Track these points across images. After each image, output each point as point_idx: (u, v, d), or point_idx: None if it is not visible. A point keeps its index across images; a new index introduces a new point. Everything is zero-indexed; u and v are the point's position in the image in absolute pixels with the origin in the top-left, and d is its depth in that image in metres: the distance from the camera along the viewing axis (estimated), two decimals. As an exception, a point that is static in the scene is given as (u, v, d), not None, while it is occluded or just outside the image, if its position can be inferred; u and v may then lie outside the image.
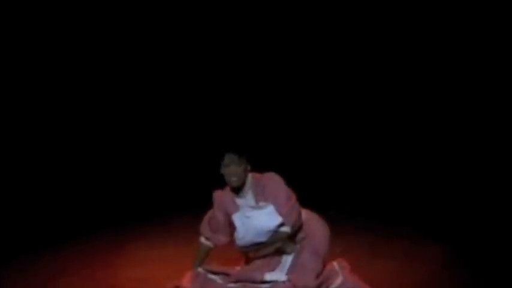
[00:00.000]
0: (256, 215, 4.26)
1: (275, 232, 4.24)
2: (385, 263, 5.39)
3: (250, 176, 4.37)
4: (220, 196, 4.45)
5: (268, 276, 4.23)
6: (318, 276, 4.26)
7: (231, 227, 4.41)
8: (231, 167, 4.27)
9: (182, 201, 7.35)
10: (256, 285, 4.24)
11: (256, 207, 4.29)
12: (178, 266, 5.22)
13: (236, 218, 4.33)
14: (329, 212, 6.28)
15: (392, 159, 8.29)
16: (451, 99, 8.40)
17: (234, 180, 4.29)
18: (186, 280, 4.42)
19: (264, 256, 4.34)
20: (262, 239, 4.25)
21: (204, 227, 4.54)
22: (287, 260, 4.32)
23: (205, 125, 8.87)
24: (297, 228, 4.34)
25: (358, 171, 8.20)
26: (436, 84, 8.50)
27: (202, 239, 4.54)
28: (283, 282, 4.20)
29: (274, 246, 4.30)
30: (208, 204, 4.59)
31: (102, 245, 6.13)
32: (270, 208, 4.25)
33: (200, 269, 4.41)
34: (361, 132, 8.71)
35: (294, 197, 4.36)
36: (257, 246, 4.31)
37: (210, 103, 8.97)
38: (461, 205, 6.97)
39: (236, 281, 4.29)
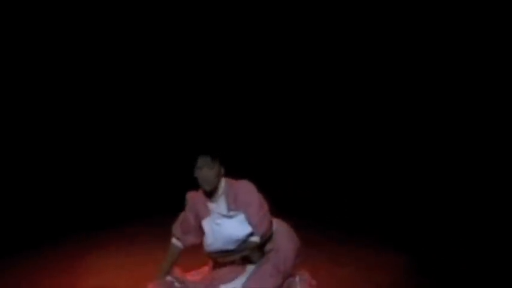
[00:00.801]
0: (227, 223, 4.24)
1: (244, 241, 4.23)
2: (346, 271, 5.42)
3: (224, 180, 4.34)
4: (193, 198, 4.40)
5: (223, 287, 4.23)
6: None
7: (201, 229, 4.37)
8: (204, 170, 4.22)
9: (144, 209, 7.32)
10: None
11: (227, 215, 4.27)
12: (139, 274, 5.23)
13: (206, 224, 4.30)
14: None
15: (353, 168, 8.28)
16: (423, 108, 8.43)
17: (206, 184, 4.25)
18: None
19: (231, 263, 4.32)
20: (231, 247, 4.24)
21: (176, 227, 4.47)
22: (250, 269, 4.31)
23: (178, 131, 8.79)
24: (267, 239, 4.33)
25: (319, 177, 8.17)
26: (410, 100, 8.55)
27: (173, 240, 4.48)
28: None
29: (241, 254, 4.29)
30: (170, 212, 4.58)
31: (62, 253, 6.05)
32: (241, 217, 4.23)
33: (169, 277, 4.38)
34: (325, 138, 8.68)
35: (266, 206, 4.34)
36: (225, 253, 4.29)
37: (192, 106, 8.89)
38: (422, 214, 7.02)
39: None
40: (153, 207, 7.29)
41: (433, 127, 8.27)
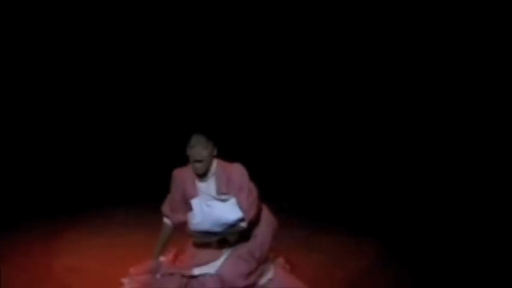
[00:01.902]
0: (218, 206, 4.20)
1: (232, 226, 4.20)
2: (319, 257, 5.45)
3: (215, 162, 4.29)
4: (180, 175, 4.35)
5: (197, 271, 4.21)
6: (249, 274, 4.24)
7: (187, 206, 4.32)
8: (197, 148, 4.18)
9: (118, 193, 7.26)
10: (185, 279, 4.21)
11: (217, 197, 4.23)
12: (110, 255, 5.31)
13: (195, 204, 4.25)
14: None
15: (330, 157, 8.30)
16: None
17: (198, 163, 4.20)
18: (139, 271, 4.42)
19: (207, 245, 4.30)
20: (218, 229, 4.19)
21: (165, 206, 4.43)
22: (226, 253, 4.28)
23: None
24: (252, 224, 4.31)
25: (296, 167, 8.18)
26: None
27: (164, 219, 4.44)
28: (211, 275, 4.18)
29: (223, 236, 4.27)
30: (146, 198, 4.55)
31: (37, 234, 6.00)
32: (232, 201, 4.20)
33: (153, 262, 4.40)
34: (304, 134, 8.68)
35: (255, 192, 4.31)
36: (210, 234, 4.25)
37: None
38: (395, 203, 7.07)
39: (170, 274, 4.27)
40: (129, 193, 7.26)
41: (426, 127, 8.30)
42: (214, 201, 4.23)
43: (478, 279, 5.15)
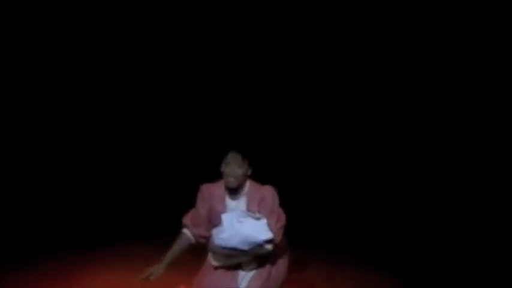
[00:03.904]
0: (250, 223, 4.13)
1: (259, 246, 4.13)
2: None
3: (248, 182, 4.29)
4: (209, 190, 4.31)
5: None
6: None
7: (211, 222, 4.27)
8: (232, 166, 4.17)
9: (135, 228, 7.31)
10: None
11: (249, 215, 4.18)
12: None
13: (226, 218, 4.17)
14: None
15: (347, 191, 8.28)
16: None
17: (231, 181, 4.18)
18: None
19: (221, 267, 4.25)
20: (245, 247, 4.12)
21: (187, 218, 4.36)
22: (243, 279, 4.23)
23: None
24: (273, 252, 4.25)
25: (310, 200, 8.18)
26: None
27: (184, 230, 4.35)
28: None
29: (246, 257, 4.20)
30: (162, 232, 4.54)
31: (52, 270, 6.03)
32: (264, 221, 4.14)
33: None
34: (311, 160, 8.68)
35: (284, 218, 4.28)
36: (235, 251, 4.17)
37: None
38: (409, 237, 7.07)
39: None
40: (145, 227, 7.28)
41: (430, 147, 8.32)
42: (246, 218, 4.16)
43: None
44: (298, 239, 5.41)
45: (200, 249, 4.39)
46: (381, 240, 7.04)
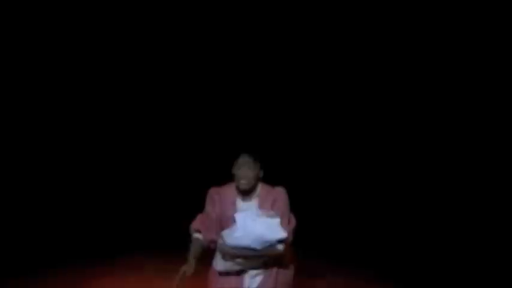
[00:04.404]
0: (263, 222, 4.11)
1: (271, 246, 4.11)
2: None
3: (260, 184, 4.28)
4: (218, 193, 4.28)
5: None
6: None
7: (221, 227, 4.23)
8: (244, 169, 4.17)
9: (143, 240, 7.37)
10: None
11: (263, 213, 4.15)
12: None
13: (240, 217, 4.15)
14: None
15: (347, 203, 8.33)
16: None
17: (243, 183, 4.17)
18: None
19: (227, 273, 4.20)
20: (258, 246, 4.09)
21: (196, 222, 4.32)
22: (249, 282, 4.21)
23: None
24: (281, 258, 4.23)
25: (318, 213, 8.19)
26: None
27: (196, 234, 4.29)
28: None
29: (258, 259, 4.15)
30: (169, 245, 4.52)
31: (61, 282, 6.08)
32: (277, 220, 4.12)
33: None
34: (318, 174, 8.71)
35: (294, 221, 4.28)
36: (246, 251, 4.12)
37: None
38: (414, 248, 7.13)
39: None
40: (156, 238, 7.32)
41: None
42: (260, 218, 4.14)
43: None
44: (309, 250, 5.48)
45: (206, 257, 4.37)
46: (391, 251, 7.09)
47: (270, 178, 4.29)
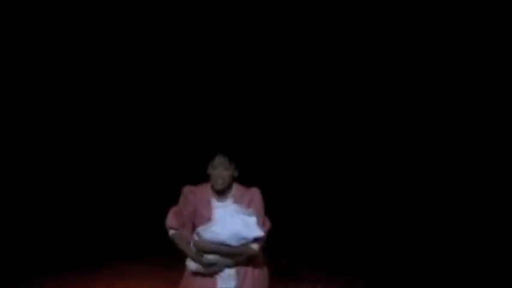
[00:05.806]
0: (241, 219, 4.14)
1: (246, 244, 4.12)
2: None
3: (235, 184, 4.29)
4: (193, 192, 4.28)
5: None
6: None
7: (194, 225, 4.23)
8: (219, 169, 4.19)
9: (134, 248, 7.34)
10: None
11: (241, 211, 4.17)
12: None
13: (218, 213, 4.18)
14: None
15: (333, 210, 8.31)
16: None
17: (219, 183, 4.19)
18: None
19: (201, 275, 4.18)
20: (234, 243, 4.11)
21: (171, 221, 4.30)
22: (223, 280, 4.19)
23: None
24: (253, 259, 4.22)
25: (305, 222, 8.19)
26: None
27: (172, 231, 4.29)
28: None
29: (232, 258, 4.15)
30: (161, 252, 4.50)
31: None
32: (255, 219, 4.15)
33: None
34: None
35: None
36: (222, 247, 4.12)
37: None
38: (406, 258, 7.10)
39: None
40: (145, 246, 7.30)
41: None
42: (239, 215, 4.17)
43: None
44: (301, 259, 5.46)
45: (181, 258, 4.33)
46: (383, 261, 7.07)
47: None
